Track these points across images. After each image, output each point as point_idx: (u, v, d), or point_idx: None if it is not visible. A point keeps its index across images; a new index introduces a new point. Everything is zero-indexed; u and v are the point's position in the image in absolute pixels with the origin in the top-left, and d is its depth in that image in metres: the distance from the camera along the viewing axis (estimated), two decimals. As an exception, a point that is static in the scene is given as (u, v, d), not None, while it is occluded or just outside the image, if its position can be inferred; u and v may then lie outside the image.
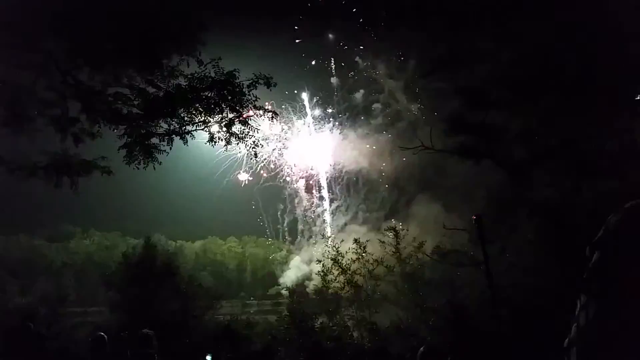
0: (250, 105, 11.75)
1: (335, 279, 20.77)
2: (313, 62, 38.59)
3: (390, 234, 21.90)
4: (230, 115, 11.54)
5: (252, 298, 61.21)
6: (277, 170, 35.79)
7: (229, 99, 11.59)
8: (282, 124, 30.80)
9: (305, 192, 30.67)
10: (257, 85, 11.54)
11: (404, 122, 27.66)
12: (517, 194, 18.54)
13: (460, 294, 19.52)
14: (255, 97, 11.71)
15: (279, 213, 36.16)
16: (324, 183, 34.15)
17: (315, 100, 38.54)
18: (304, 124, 41.05)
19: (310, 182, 33.88)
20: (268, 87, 11.84)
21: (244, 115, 12.08)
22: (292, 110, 40.10)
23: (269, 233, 52.42)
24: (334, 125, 38.94)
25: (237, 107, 11.23)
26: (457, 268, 20.66)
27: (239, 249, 73.13)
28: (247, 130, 11.92)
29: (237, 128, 12.17)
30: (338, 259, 21.00)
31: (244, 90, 11.44)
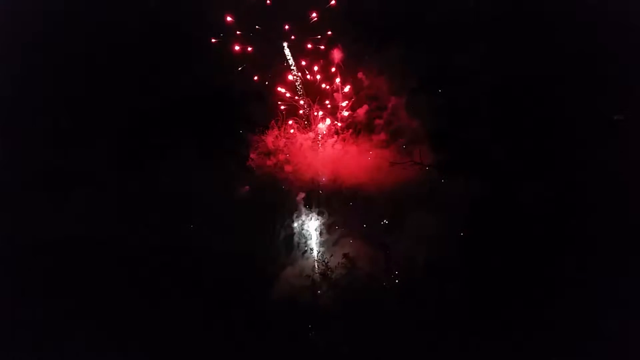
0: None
1: (325, 294, 20.82)
2: (317, 77, 39.38)
3: (383, 249, 22.01)
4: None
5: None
6: (278, 181, 37.02)
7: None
8: (285, 138, 31.32)
9: (304, 206, 30.91)
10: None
11: (404, 138, 28.03)
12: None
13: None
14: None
15: (277, 226, 36.76)
16: (323, 197, 34.42)
17: (318, 114, 39.59)
18: (307, 139, 42.11)
19: (310, 195, 34.22)
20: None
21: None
22: (297, 126, 41.34)
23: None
24: (336, 141, 39.98)
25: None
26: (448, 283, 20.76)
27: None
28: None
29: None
30: (327, 274, 21.02)
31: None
